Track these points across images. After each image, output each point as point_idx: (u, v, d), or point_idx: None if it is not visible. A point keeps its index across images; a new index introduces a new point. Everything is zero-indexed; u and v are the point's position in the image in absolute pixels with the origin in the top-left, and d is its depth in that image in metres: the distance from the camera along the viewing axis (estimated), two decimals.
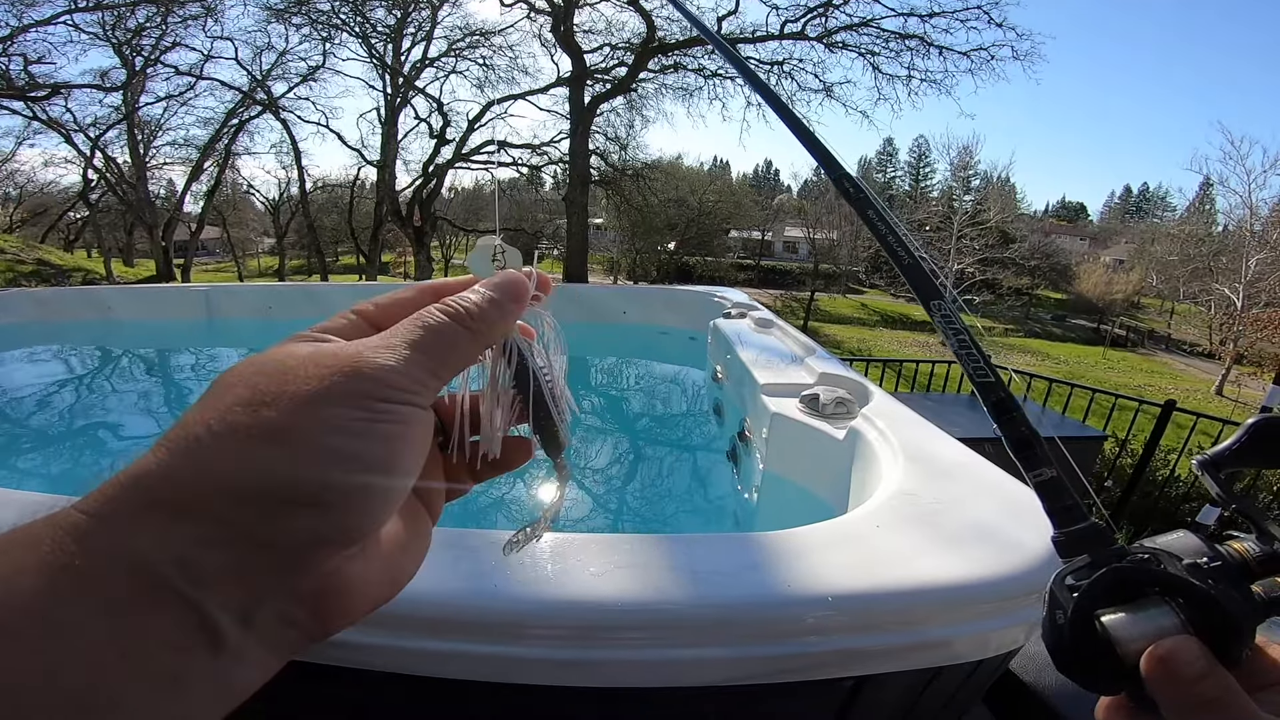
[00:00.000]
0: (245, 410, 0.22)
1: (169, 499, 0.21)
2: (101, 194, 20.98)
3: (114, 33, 16.27)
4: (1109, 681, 0.31)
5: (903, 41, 15.14)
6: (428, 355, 0.25)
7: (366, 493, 0.23)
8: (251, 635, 0.22)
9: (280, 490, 0.21)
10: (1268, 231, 20.16)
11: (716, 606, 0.66)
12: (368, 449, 0.23)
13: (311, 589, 0.23)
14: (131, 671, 0.19)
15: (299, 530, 0.22)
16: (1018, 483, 0.89)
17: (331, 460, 0.22)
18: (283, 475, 0.21)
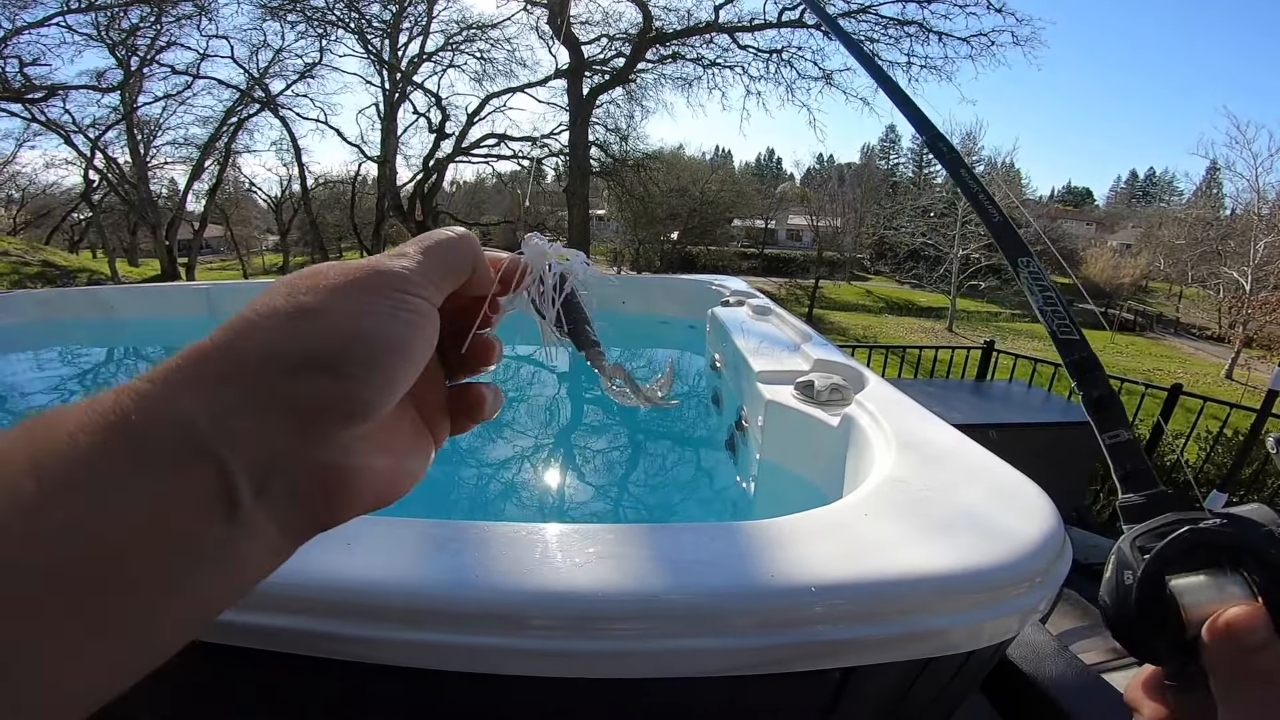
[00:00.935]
0: (283, 297, 0.25)
1: (214, 369, 0.23)
2: (104, 195, 21.03)
3: (108, 33, 16.26)
4: (1163, 649, 0.30)
5: (901, 28, 15.02)
6: (434, 260, 0.29)
7: (378, 369, 0.25)
8: (263, 505, 0.23)
9: (305, 354, 0.24)
10: (1275, 215, 19.96)
11: (699, 596, 0.64)
12: (382, 329, 0.25)
13: (321, 462, 0.24)
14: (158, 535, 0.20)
15: (319, 394, 0.24)
16: (1010, 468, 0.87)
17: (351, 334, 0.25)
18: (309, 342, 0.24)
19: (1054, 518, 0.75)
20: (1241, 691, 0.28)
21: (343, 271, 0.26)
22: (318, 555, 0.70)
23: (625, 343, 3.62)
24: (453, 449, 2.51)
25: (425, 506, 1.98)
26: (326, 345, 0.24)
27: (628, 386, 0.39)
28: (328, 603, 0.66)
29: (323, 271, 0.26)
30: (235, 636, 0.68)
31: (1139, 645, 0.31)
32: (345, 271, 0.26)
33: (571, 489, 2.11)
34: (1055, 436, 3.35)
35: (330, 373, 0.24)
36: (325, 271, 0.26)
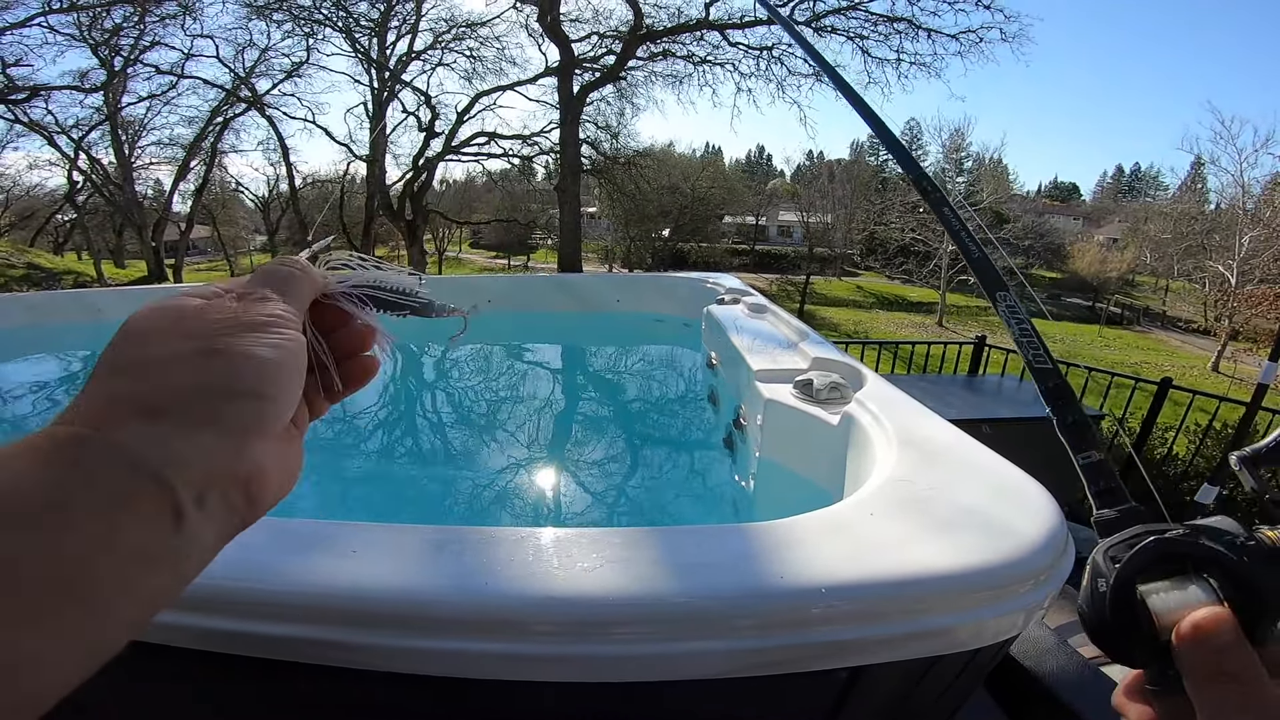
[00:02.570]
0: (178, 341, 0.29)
1: (147, 406, 0.26)
2: (88, 196, 20.81)
3: (90, 33, 16.04)
4: (1139, 652, 0.32)
5: (890, 24, 15.04)
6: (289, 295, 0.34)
7: (288, 389, 0.31)
8: (203, 514, 0.27)
9: (231, 385, 0.28)
10: (1260, 209, 20.17)
11: (709, 599, 0.65)
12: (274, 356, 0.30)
13: (246, 473, 0.29)
14: (117, 551, 0.24)
15: (246, 415, 0.29)
16: (1012, 466, 0.88)
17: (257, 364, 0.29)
18: (230, 375, 0.28)
19: (1056, 515, 0.75)
20: (1211, 691, 0.29)
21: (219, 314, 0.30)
22: (324, 564, 0.70)
23: (620, 340, 3.61)
24: (444, 450, 2.51)
25: (420, 511, 1.98)
26: (240, 376, 0.29)
27: None
28: (337, 611, 0.66)
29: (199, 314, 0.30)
30: (243, 646, 0.68)
31: (1116, 649, 0.33)
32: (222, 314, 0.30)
33: (568, 491, 2.10)
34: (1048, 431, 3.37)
35: (255, 397, 0.29)
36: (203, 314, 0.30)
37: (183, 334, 0.29)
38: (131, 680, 0.85)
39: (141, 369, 0.28)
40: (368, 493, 2.21)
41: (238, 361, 0.29)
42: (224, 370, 0.28)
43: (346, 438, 2.76)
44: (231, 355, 0.29)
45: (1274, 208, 19.39)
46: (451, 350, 0.53)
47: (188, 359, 0.28)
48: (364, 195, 19.62)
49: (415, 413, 3.06)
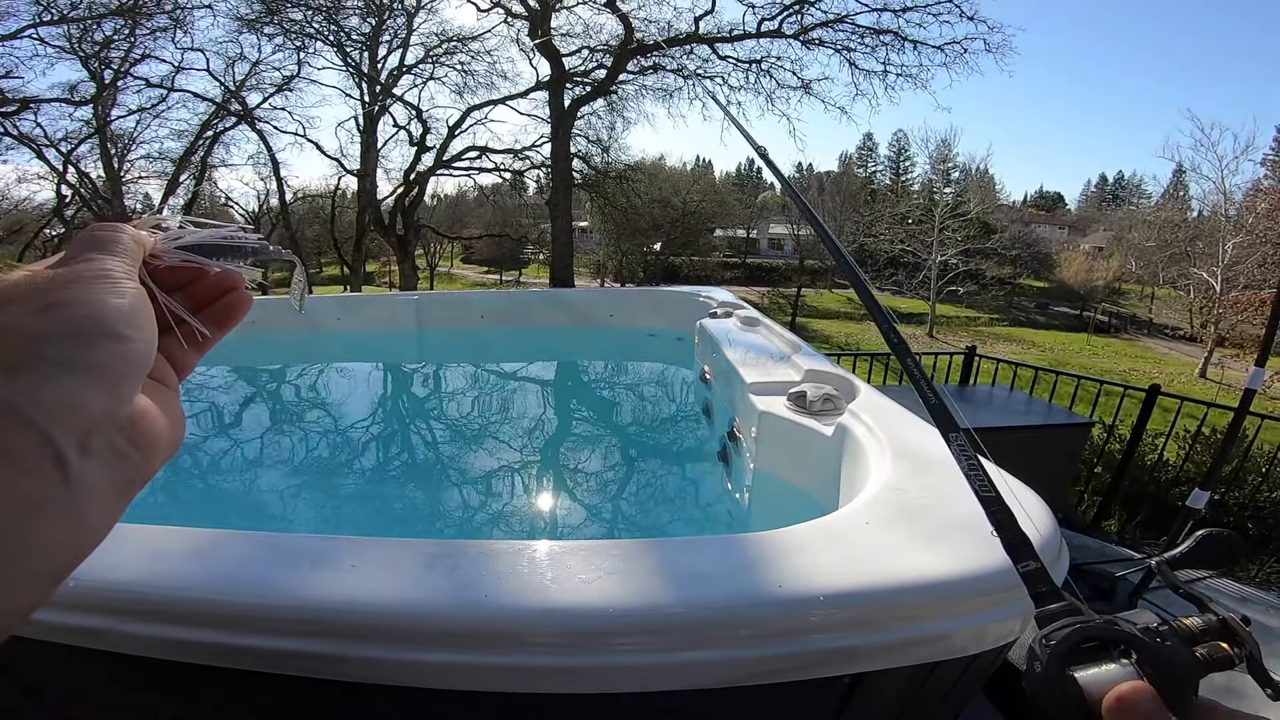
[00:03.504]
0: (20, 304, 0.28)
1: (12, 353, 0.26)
2: (77, 210, 20.67)
3: (81, 46, 16.00)
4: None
5: (877, 37, 15.23)
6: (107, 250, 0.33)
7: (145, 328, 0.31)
8: (89, 462, 0.26)
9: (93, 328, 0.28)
10: (1242, 216, 20.47)
11: (708, 609, 0.65)
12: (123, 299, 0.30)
13: (126, 416, 0.29)
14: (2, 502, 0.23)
15: (114, 355, 0.28)
16: (1005, 474, 0.89)
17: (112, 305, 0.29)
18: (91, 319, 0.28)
19: (1050, 521, 0.76)
20: None
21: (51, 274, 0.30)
22: (324, 578, 0.70)
23: (613, 355, 3.62)
24: (440, 466, 2.50)
25: (414, 529, 1.97)
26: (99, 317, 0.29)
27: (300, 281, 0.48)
28: (337, 624, 0.66)
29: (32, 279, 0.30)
30: (244, 660, 0.68)
31: None
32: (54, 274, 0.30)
33: (563, 506, 2.10)
34: (1039, 439, 3.41)
35: (115, 338, 0.29)
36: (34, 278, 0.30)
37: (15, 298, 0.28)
38: (129, 691, 0.84)
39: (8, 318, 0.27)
40: (361, 511, 2.20)
41: (82, 308, 0.29)
42: (70, 318, 0.28)
43: (340, 455, 2.75)
44: (71, 304, 0.29)
45: (1256, 214, 19.67)
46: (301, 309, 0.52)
47: (30, 317, 0.27)
48: (355, 210, 19.57)
49: (409, 430, 3.05)
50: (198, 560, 0.78)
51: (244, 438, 2.89)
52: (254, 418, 3.15)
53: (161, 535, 0.82)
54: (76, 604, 0.72)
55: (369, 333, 3.78)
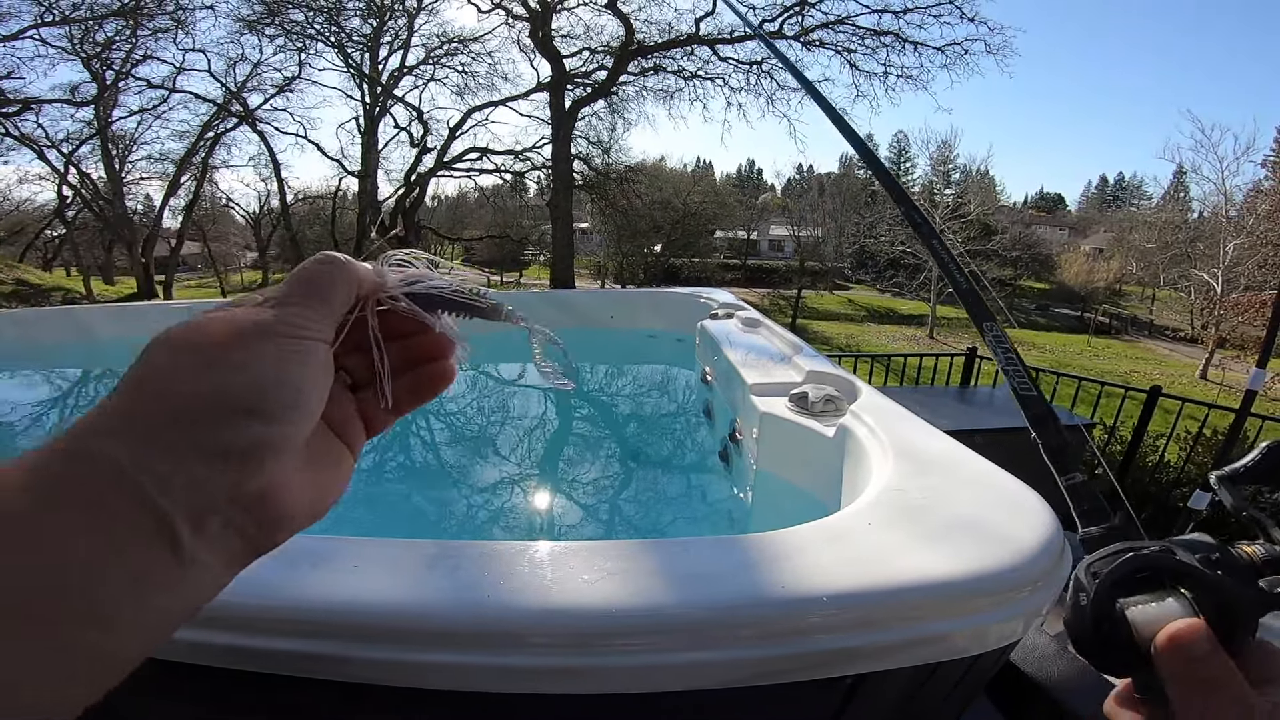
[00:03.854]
0: (184, 355, 0.27)
1: (137, 423, 0.25)
2: (78, 211, 20.72)
3: (82, 47, 16.06)
4: (1123, 663, 0.34)
5: (878, 38, 15.27)
6: (312, 299, 0.30)
7: (297, 406, 0.28)
8: (202, 540, 0.25)
9: (231, 402, 0.26)
10: (1243, 217, 20.46)
11: (711, 609, 0.65)
12: (284, 370, 0.28)
13: (254, 493, 0.27)
14: (104, 572, 0.23)
15: (250, 436, 0.26)
16: (1007, 475, 0.89)
17: (264, 379, 0.27)
18: (225, 391, 0.26)
19: (1053, 522, 0.76)
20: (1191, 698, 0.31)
21: (226, 325, 0.28)
22: (325, 579, 0.70)
23: (614, 357, 3.62)
24: (441, 467, 2.50)
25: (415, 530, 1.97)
26: (243, 393, 0.26)
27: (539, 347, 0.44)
28: (338, 625, 0.66)
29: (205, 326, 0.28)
30: (244, 661, 0.68)
31: (1100, 660, 0.35)
32: (233, 323, 0.28)
33: (564, 507, 2.10)
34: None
35: (254, 416, 0.26)
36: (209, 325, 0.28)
37: (187, 346, 0.27)
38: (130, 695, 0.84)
39: (138, 384, 0.26)
40: (362, 511, 2.20)
41: (239, 376, 0.27)
42: (225, 381, 0.26)
43: None
44: (233, 369, 0.27)
45: (1257, 215, 19.66)
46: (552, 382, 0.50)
47: (185, 373, 0.26)
48: (356, 211, 19.61)
49: (410, 430, 3.05)
50: None
51: None
52: None
53: None
54: None
55: None
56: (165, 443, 0.25)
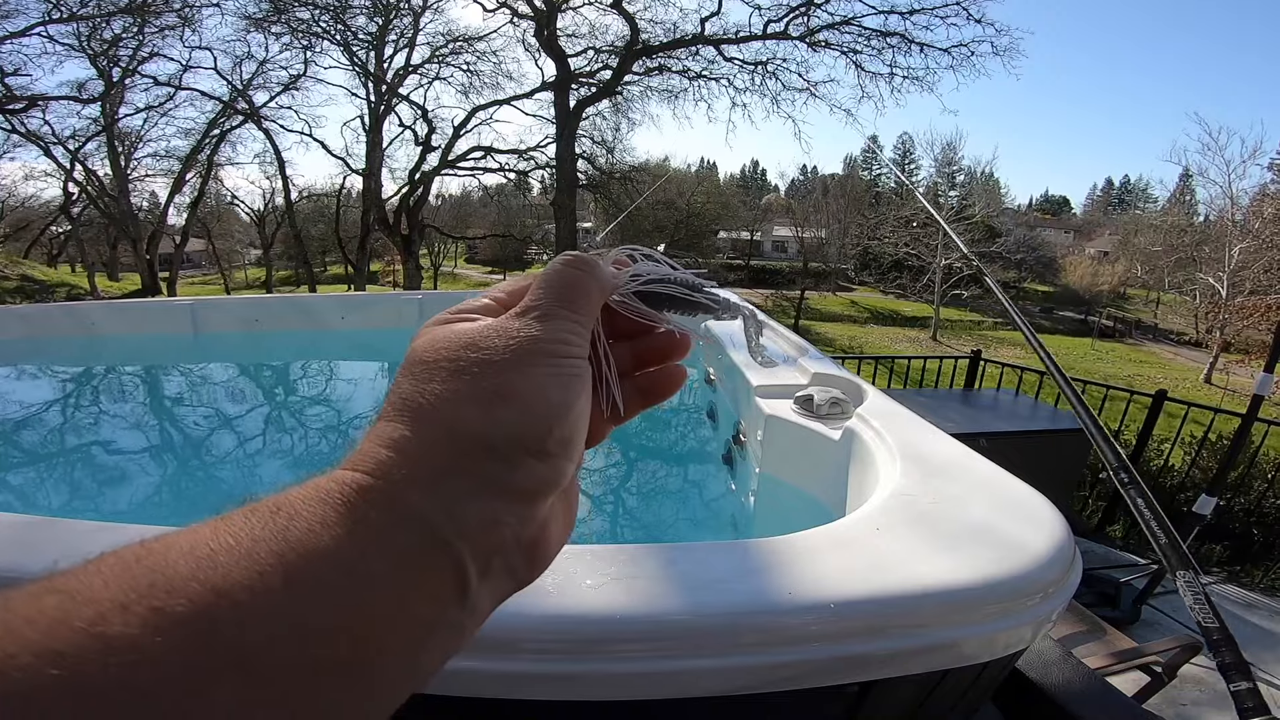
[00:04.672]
0: (463, 380, 0.25)
1: (433, 462, 0.24)
2: (83, 207, 20.78)
3: (89, 44, 16.11)
4: None
5: (884, 39, 15.24)
6: (572, 309, 0.28)
7: (573, 443, 0.27)
8: (485, 585, 0.24)
9: (518, 440, 0.25)
10: (1249, 220, 20.37)
11: (717, 615, 0.64)
12: (566, 401, 0.26)
13: (531, 537, 0.26)
14: (402, 625, 0.22)
15: (534, 477, 0.25)
16: (1014, 479, 0.88)
17: (547, 415, 0.25)
18: (520, 428, 0.25)
19: (1063, 529, 0.76)
20: None
21: (504, 345, 0.26)
22: None
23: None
24: None
25: None
26: (530, 430, 0.25)
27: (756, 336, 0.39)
28: None
29: (480, 344, 0.26)
30: None
31: None
32: (506, 344, 0.26)
33: None
34: (1044, 444, 3.39)
35: (540, 455, 0.25)
36: (484, 344, 0.26)
37: (465, 369, 0.26)
38: None
39: (424, 415, 0.25)
40: None
41: (526, 410, 0.25)
42: (512, 420, 0.25)
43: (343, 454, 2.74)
44: (518, 400, 0.25)
45: (1263, 219, 19.58)
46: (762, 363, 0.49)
47: (472, 404, 0.25)
48: (360, 209, 19.63)
49: None
50: None
51: (247, 435, 2.89)
52: (258, 416, 3.16)
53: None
54: None
55: (373, 331, 3.78)
56: (460, 487, 0.24)
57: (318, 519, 0.22)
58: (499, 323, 0.27)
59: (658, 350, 0.34)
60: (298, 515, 0.22)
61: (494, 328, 0.27)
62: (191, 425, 3.03)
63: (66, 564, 0.20)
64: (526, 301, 0.29)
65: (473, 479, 0.24)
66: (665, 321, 0.33)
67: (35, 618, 0.17)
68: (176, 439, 2.88)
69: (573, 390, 0.27)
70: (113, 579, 0.19)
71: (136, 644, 0.17)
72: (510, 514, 0.25)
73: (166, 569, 0.19)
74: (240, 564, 0.20)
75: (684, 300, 0.33)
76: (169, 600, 0.18)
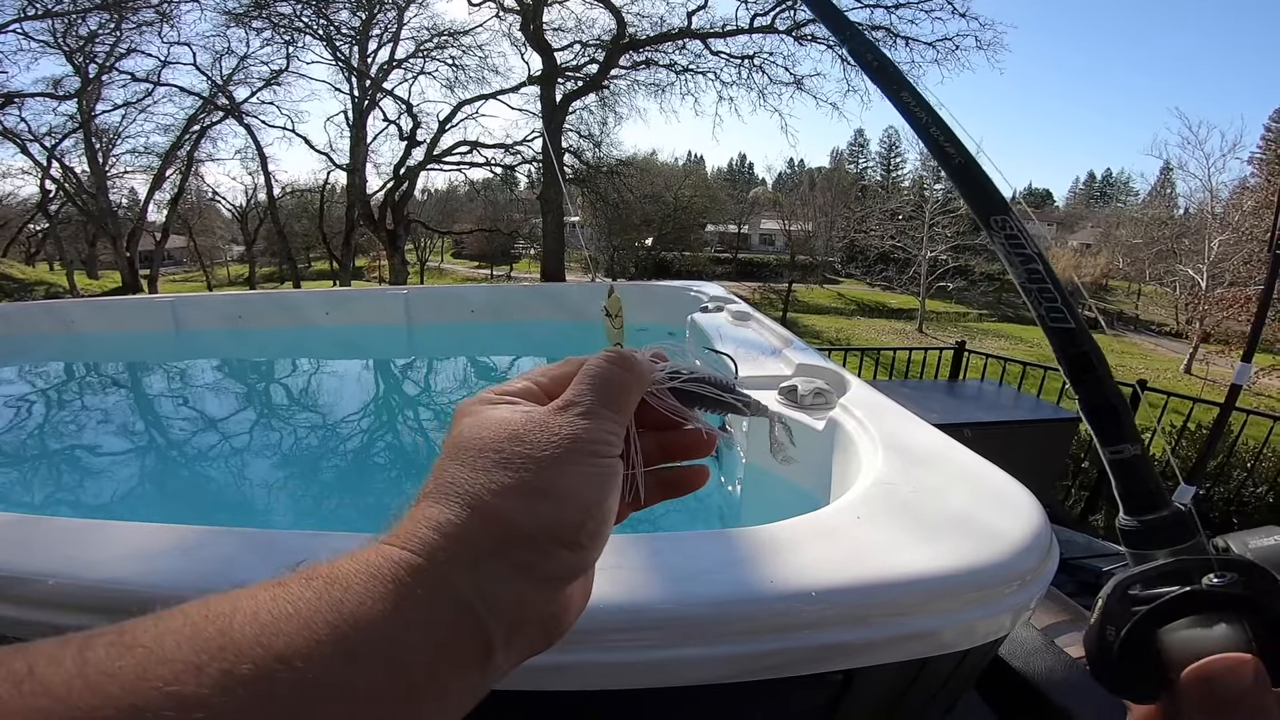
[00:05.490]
0: (507, 473, 0.27)
1: (474, 545, 0.26)
2: (61, 205, 20.44)
3: (65, 40, 15.83)
4: (1149, 692, 0.29)
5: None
6: (612, 408, 0.31)
7: (602, 536, 0.29)
8: (507, 654, 0.26)
9: (553, 533, 0.27)
10: (1229, 213, 20.64)
11: (700, 605, 0.65)
12: (600, 499, 0.29)
13: (553, 613, 0.28)
14: (431, 693, 0.24)
15: (563, 566, 0.27)
16: (995, 469, 0.89)
17: (581, 511, 0.28)
18: (555, 522, 0.27)
19: (1041, 517, 0.76)
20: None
21: (549, 440, 0.28)
22: None
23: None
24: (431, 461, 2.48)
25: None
26: (569, 521, 0.27)
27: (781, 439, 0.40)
28: None
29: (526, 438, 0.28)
30: None
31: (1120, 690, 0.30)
32: (550, 440, 0.28)
33: None
34: (1027, 434, 3.43)
35: (572, 547, 0.27)
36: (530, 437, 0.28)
37: (510, 461, 0.28)
38: None
39: (469, 502, 0.27)
40: (350, 507, 2.18)
41: (562, 506, 0.27)
42: (550, 515, 0.27)
43: (329, 451, 2.73)
44: (557, 497, 0.27)
45: (1242, 211, 19.84)
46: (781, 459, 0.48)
47: (515, 497, 0.27)
48: (344, 205, 19.46)
49: (398, 425, 3.03)
50: (185, 558, 0.77)
51: (232, 433, 2.86)
52: (242, 413, 3.13)
53: (148, 532, 0.81)
54: (60, 603, 0.71)
55: (357, 327, 3.76)
56: (497, 571, 0.26)
57: (369, 594, 0.24)
58: (543, 417, 0.29)
59: (685, 446, 0.36)
60: (351, 589, 0.24)
61: (538, 423, 0.29)
62: (173, 422, 3.00)
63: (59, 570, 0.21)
64: (569, 396, 0.30)
65: (508, 564, 0.26)
66: (695, 419, 0.34)
67: (116, 674, 0.19)
68: (158, 436, 2.85)
69: (607, 488, 0.29)
70: (184, 640, 0.21)
71: (206, 702, 0.19)
72: (538, 595, 0.27)
73: (234, 633, 0.21)
74: (300, 633, 0.22)
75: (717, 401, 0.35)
76: (236, 664, 0.20)
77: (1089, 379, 0.35)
